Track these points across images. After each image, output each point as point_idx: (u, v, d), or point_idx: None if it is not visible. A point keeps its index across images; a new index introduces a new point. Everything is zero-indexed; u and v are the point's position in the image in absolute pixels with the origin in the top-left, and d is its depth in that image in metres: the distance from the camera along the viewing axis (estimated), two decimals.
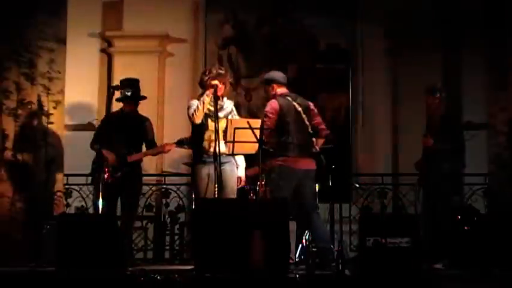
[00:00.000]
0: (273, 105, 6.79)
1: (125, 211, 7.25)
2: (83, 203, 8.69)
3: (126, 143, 7.31)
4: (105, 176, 6.97)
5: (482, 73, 8.43)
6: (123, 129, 7.33)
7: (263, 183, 6.71)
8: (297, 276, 5.86)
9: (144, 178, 7.85)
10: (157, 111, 9.41)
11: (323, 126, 6.91)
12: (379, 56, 9.52)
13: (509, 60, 8.05)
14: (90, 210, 8.50)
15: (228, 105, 6.77)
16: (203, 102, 6.51)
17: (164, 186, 9.01)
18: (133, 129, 7.39)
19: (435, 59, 9.26)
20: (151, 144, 7.49)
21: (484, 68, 8.33)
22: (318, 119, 6.93)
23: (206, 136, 6.59)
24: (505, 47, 8.08)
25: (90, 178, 7.57)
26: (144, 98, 7.51)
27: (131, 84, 7.45)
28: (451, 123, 7.21)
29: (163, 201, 8.95)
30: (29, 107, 8.04)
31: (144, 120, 7.54)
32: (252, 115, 9.37)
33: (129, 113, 7.44)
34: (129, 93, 7.38)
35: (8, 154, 7.91)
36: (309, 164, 6.79)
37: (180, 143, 7.20)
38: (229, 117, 6.65)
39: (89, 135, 8.00)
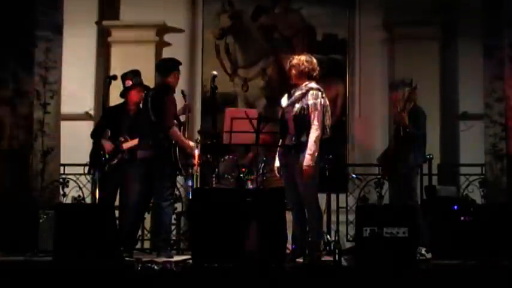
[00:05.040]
0: None
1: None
2: (80, 193, 8.67)
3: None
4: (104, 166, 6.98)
5: (478, 64, 8.42)
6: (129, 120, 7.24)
7: (260, 173, 6.71)
8: (294, 265, 5.87)
9: None
10: None
11: None
12: (377, 47, 9.50)
13: (506, 51, 8.05)
14: (88, 200, 8.48)
15: (298, 91, 6.63)
16: None
17: None
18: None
19: (432, 49, 9.25)
20: None
21: (481, 59, 8.33)
22: None
23: None
24: (501, 37, 8.09)
25: (87, 168, 7.57)
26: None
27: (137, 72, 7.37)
28: (416, 115, 6.91)
29: None
30: (26, 96, 8.04)
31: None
32: (249, 105, 9.38)
33: (137, 103, 7.25)
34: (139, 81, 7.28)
35: (5, 144, 7.91)
36: None
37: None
38: (297, 105, 6.51)
39: (86, 124, 7.98)
